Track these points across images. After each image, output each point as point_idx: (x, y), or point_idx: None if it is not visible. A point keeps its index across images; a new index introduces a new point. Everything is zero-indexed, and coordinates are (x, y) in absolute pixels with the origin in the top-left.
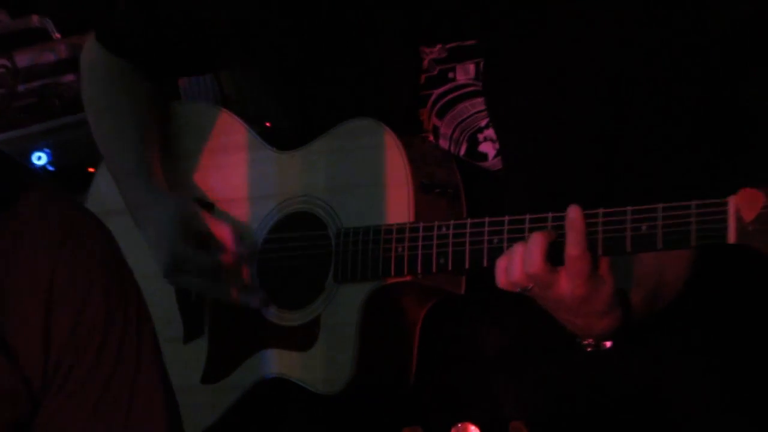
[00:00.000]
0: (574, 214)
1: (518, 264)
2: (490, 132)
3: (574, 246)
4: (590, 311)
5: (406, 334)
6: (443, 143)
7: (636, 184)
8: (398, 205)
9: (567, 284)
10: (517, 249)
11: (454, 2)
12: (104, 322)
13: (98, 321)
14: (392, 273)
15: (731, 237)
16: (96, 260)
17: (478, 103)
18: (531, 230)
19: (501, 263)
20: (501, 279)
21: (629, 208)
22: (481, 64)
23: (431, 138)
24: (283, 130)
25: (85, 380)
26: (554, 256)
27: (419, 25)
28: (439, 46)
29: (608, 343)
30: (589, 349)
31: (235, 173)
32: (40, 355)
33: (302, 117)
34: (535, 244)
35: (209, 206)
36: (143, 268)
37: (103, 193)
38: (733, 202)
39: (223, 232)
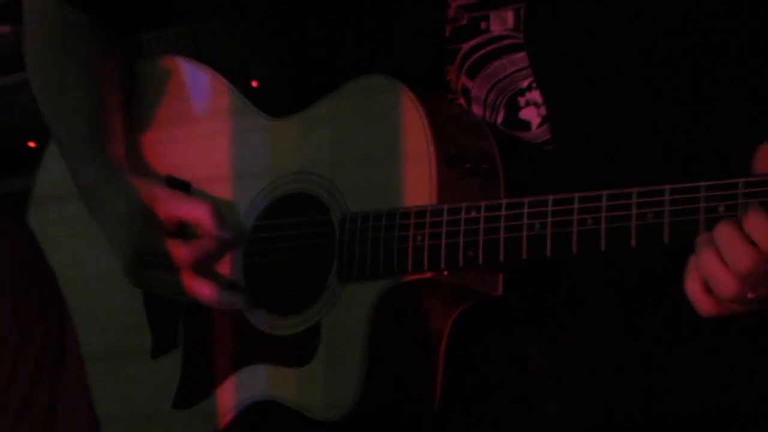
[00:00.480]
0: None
1: (720, 269)
2: (534, 95)
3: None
4: None
5: (428, 346)
6: (476, 109)
7: (718, 163)
8: (418, 182)
9: None
10: (707, 253)
11: None
12: (19, 339)
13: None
14: (409, 268)
15: None
16: (7, 271)
17: (519, 60)
18: (581, 211)
19: (694, 285)
20: (704, 305)
21: None
22: (523, 11)
23: (461, 101)
24: (275, 90)
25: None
26: None
27: None
28: None
29: None
30: None
31: (216, 146)
32: None
33: (299, 75)
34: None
35: (184, 186)
36: (104, 264)
37: (55, 174)
38: None
39: (200, 215)
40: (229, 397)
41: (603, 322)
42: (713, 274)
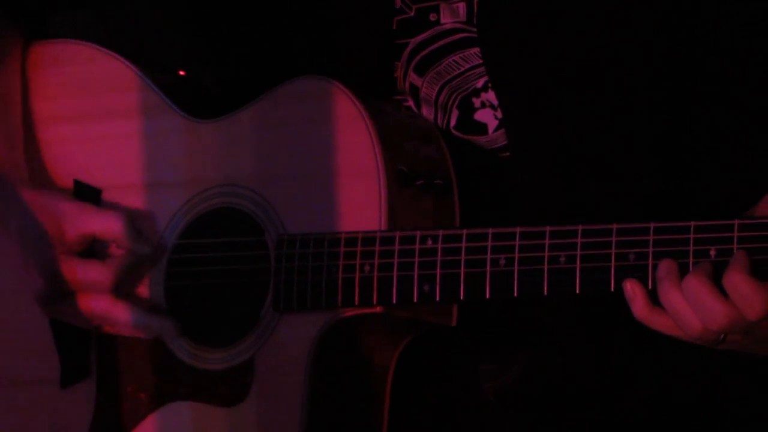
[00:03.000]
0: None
1: (709, 300)
2: (490, 95)
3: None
4: None
5: (374, 382)
6: (426, 111)
7: (695, 173)
8: (365, 203)
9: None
10: (701, 290)
11: None
12: None
13: None
14: (356, 302)
15: None
16: None
17: (473, 56)
18: (553, 247)
19: (679, 305)
20: (696, 327)
21: None
22: (476, 2)
23: (410, 103)
24: (198, 87)
25: None
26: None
27: None
28: None
29: None
30: None
31: (130, 147)
32: None
33: (227, 70)
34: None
35: (94, 194)
36: (7, 280)
37: None
38: None
39: (113, 228)
40: None
41: (556, 344)
42: (699, 302)
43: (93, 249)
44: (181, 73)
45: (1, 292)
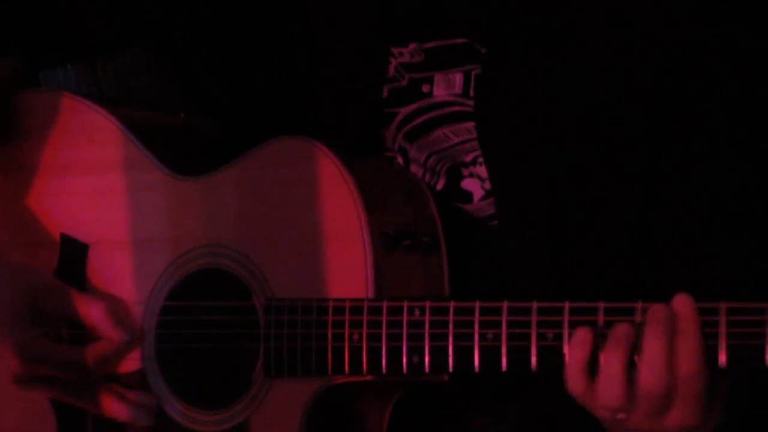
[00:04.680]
0: (685, 306)
1: (614, 387)
2: (477, 169)
3: (694, 359)
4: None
5: None
6: (414, 169)
7: (674, 251)
8: (351, 268)
9: (676, 415)
10: (617, 355)
11: (450, 28)
12: None
13: None
14: (346, 371)
15: None
16: None
17: (464, 130)
18: (542, 324)
19: (573, 368)
20: (574, 388)
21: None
22: (475, 74)
23: (399, 160)
24: (184, 139)
25: None
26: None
27: (387, 16)
28: (413, 46)
29: None
30: None
31: (115, 203)
32: None
33: (213, 126)
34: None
35: (81, 249)
36: None
37: None
38: None
39: (94, 316)
40: None
41: (547, 395)
42: (609, 376)
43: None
44: (182, 114)
45: None
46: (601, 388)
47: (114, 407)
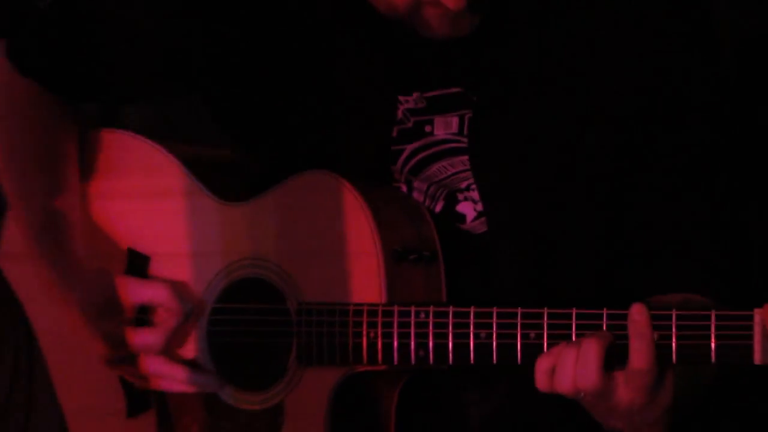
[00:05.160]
0: (639, 315)
1: (568, 373)
2: (470, 194)
3: (641, 358)
4: (642, 420)
5: (381, 416)
6: (417, 196)
7: (640, 264)
8: (367, 279)
9: (626, 396)
10: (567, 354)
11: (440, 47)
12: None
13: None
14: (365, 362)
15: (757, 357)
16: None
17: (459, 162)
18: (525, 327)
19: (543, 366)
20: (543, 384)
21: (713, 312)
22: (467, 117)
23: (404, 189)
24: (229, 171)
25: None
26: (612, 362)
27: (396, 71)
28: (416, 95)
29: None
30: None
31: (172, 223)
32: None
33: (252, 163)
34: (591, 352)
35: (143, 259)
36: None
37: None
38: (759, 317)
39: (161, 296)
40: None
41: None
42: (563, 370)
43: (143, 317)
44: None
45: (72, 345)
46: (579, 373)
47: (180, 378)
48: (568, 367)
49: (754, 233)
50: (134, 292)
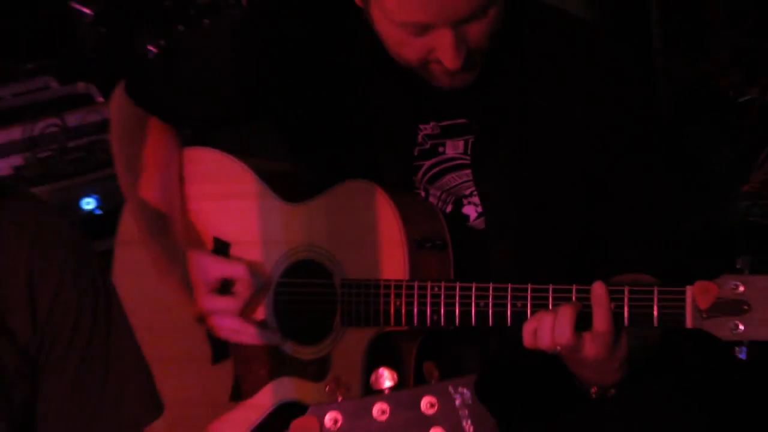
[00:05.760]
0: (600, 290)
1: (547, 333)
2: (473, 199)
3: (602, 322)
4: (606, 369)
5: (403, 365)
6: (432, 200)
7: (602, 252)
8: (395, 262)
9: (591, 350)
10: (546, 318)
11: (457, 111)
12: (77, 303)
13: (71, 302)
14: (392, 323)
15: (688, 321)
16: (64, 253)
17: (464, 175)
18: (514, 298)
19: (528, 328)
20: (528, 342)
21: (655, 288)
22: (471, 141)
23: (422, 194)
24: (291, 178)
25: (65, 354)
26: (581, 325)
27: (417, 105)
28: (432, 123)
29: (613, 391)
30: (593, 396)
31: (247, 219)
32: (31, 334)
33: (308, 173)
34: (565, 317)
35: (225, 245)
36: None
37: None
38: (690, 292)
39: (239, 272)
40: (269, 396)
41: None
42: (542, 331)
43: (227, 285)
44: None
45: (168, 307)
46: (556, 333)
47: (252, 334)
48: (548, 329)
49: (684, 232)
50: (219, 268)
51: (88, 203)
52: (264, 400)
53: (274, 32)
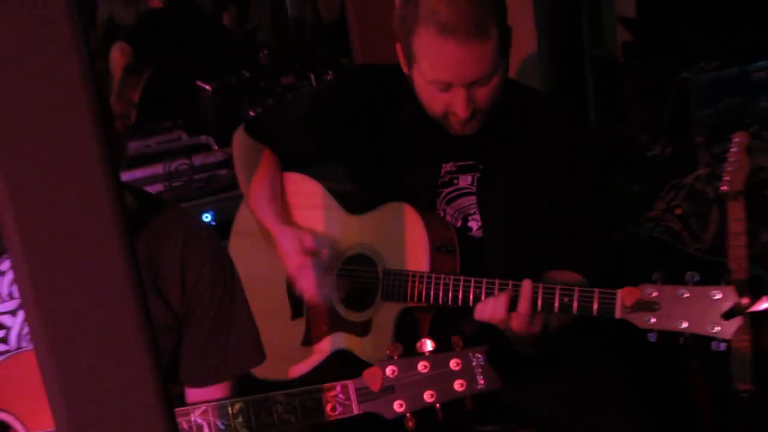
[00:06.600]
0: (526, 285)
1: (489, 311)
2: (476, 217)
3: (524, 306)
4: (527, 336)
5: (420, 330)
6: (448, 218)
7: (556, 261)
8: (420, 259)
9: (516, 324)
10: (490, 301)
11: (464, 138)
12: (212, 280)
13: (208, 279)
14: (415, 301)
15: (617, 314)
16: (205, 244)
17: (471, 200)
18: (500, 289)
19: (479, 307)
20: (477, 316)
21: (558, 286)
22: (477, 176)
23: (440, 213)
24: (352, 198)
25: (203, 315)
26: (511, 307)
27: (441, 150)
28: (451, 163)
29: (531, 351)
30: (522, 352)
31: (322, 222)
32: (180, 299)
33: (365, 194)
34: (500, 301)
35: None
36: (267, 270)
37: (246, 220)
38: (620, 294)
39: (324, 242)
40: (328, 344)
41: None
42: (486, 309)
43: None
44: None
45: (266, 273)
46: (494, 312)
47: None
48: (490, 309)
49: (609, 243)
50: (311, 239)
51: (206, 217)
52: (324, 346)
53: (348, 96)
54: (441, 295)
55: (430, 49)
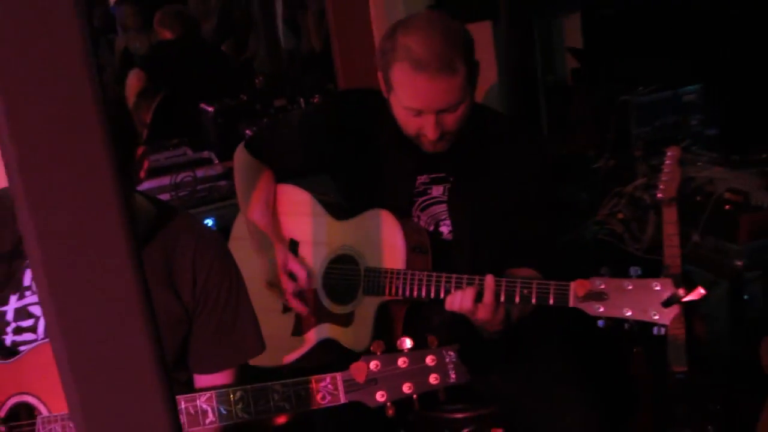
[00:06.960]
0: (489, 280)
1: (458, 302)
2: (447, 222)
3: (488, 297)
4: (492, 323)
5: (394, 321)
6: (422, 223)
7: (515, 259)
8: (397, 258)
9: (482, 313)
10: (458, 293)
11: (436, 155)
12: (220, 279)
13: (217, 278)
14: (393, 295)
15: (570, 303)
16: (214, 248)
17: (442, 207)
18: (467, 283)
19: (449, 299)
20: (447, 306)
21: (518, 280)
22: (447, 187)
23: (415, 219)
24: (339, 204)
25: (211, 310)
26: (478, 299)
27: (416, 164)
28: (425, 175)
29: (496, 336)
30: (488, 338)
31: (310, 228)
32: (191, 294)
33: (349, 202)
34: (467, 293)
35: (296, 243)
36: (260, 271)
37: (243, 227)
38: (572, 285)
39: (299, 273)
40: (315, 334)
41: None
42: (455, 300)
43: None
44: (332, 196)
45: (259, 274)
46: (462, 302)
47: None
48: (458, 300)
49: (559, 244)
50: (291, 264)
51: (208, 223)
52: (312, 336)
53: (334, 118)
54: (416, 289)
55: (404, 80)
